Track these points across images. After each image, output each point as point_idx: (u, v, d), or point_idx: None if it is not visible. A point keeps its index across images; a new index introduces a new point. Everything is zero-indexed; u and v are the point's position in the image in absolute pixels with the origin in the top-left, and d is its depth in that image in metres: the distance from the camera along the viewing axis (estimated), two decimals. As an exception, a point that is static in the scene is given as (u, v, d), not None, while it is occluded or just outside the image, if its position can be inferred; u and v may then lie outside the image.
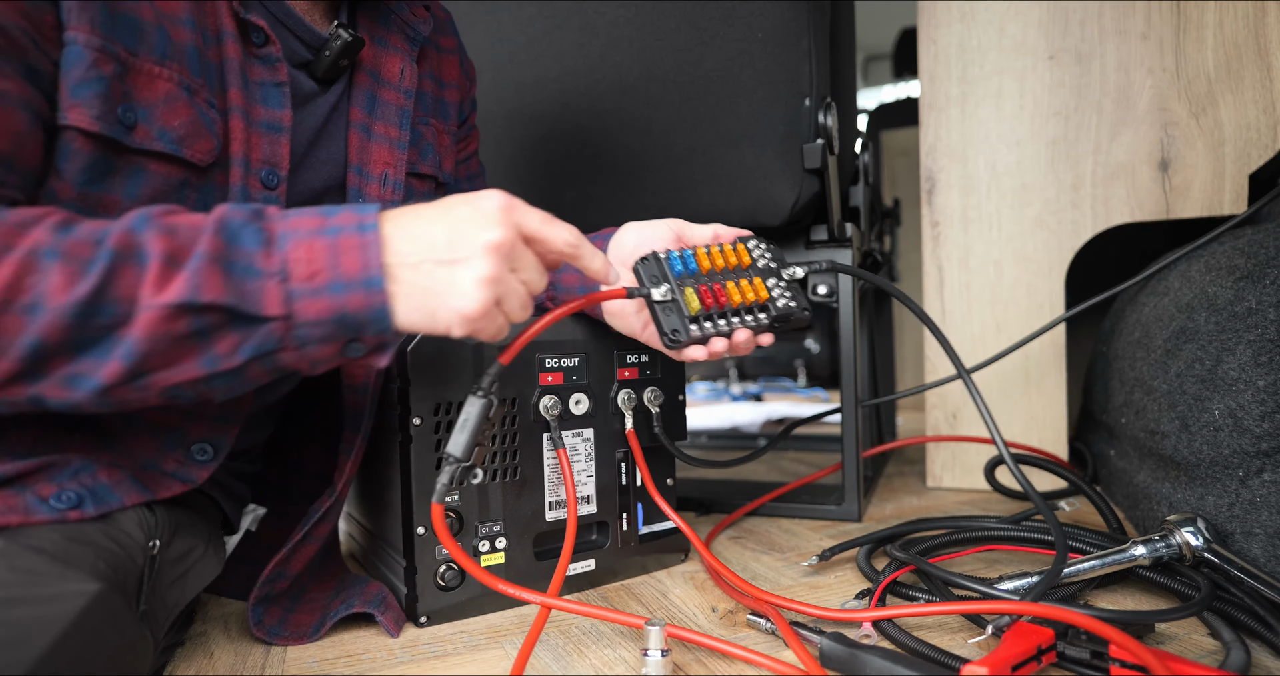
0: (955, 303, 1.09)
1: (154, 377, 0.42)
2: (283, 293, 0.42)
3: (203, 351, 0.43)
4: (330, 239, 0.44)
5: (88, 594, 0.39)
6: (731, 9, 0.88)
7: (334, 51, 0.61)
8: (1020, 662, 0.47)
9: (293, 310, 0.43)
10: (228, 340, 0.43)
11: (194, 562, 0.58)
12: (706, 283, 0.58)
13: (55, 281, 0.40)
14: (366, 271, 0.43)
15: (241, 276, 0.42)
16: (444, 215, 0.46)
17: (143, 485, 0.52)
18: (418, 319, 0.45)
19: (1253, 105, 0.91)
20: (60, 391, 0.42)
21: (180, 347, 0.42)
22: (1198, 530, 0.61)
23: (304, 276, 0.43)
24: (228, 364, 0.43)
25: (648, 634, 0.52)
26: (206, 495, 0.64)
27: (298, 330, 0.43)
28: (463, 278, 0.45)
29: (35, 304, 0.39)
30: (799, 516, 0.96)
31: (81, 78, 0.46)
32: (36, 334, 0.39)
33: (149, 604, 0.51)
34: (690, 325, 0.56)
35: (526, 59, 0.99)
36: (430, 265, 0.45)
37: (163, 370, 0.42)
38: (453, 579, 0.63)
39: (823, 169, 0.86)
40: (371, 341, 0.46)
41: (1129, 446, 0.89)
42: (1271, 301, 0.66)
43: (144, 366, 0.42)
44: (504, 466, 0.65)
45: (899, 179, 2.06)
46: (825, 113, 0.86)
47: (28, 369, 0.40)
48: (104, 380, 0.41)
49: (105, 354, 0.41)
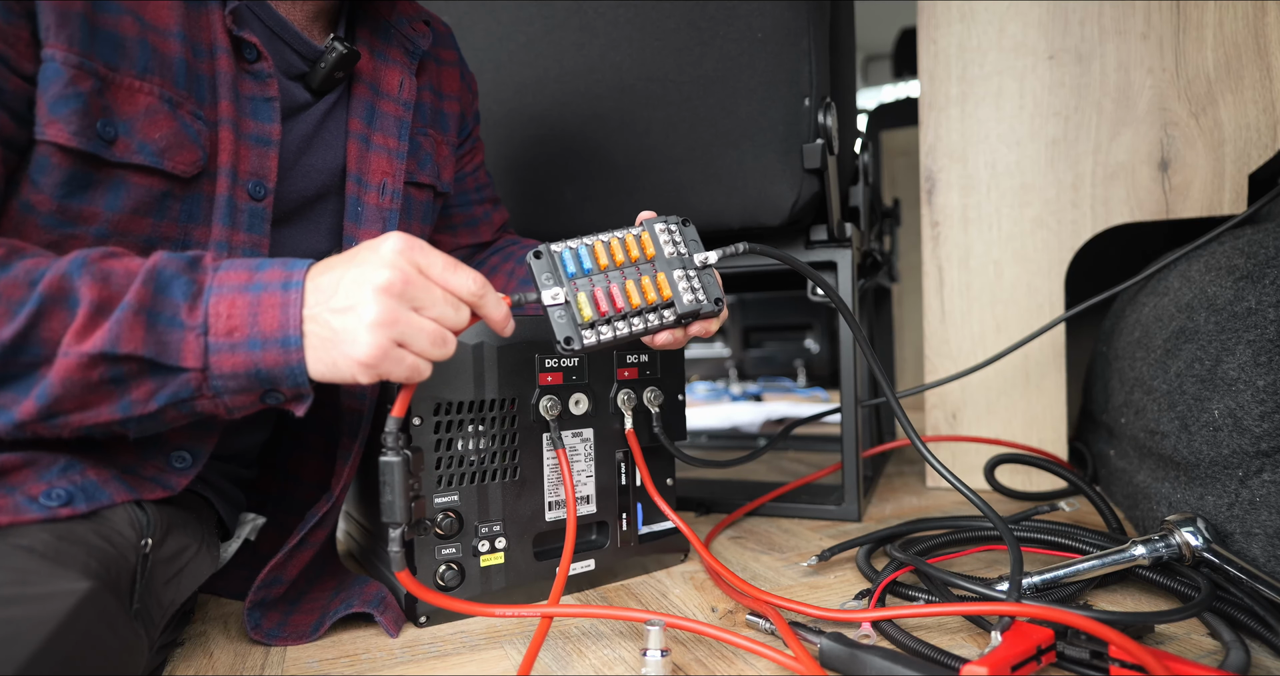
0: (955, 302, 1.09)
1: (67, 418, 0.44)
2: (200, 345, 0.44)
3: (119, 397, 0.44)
4: (253, 296, 0.45)
5: (79, 592, 0.39)
6: (731, 9, 0.88)
7: (329, 64, 0.62)
8: (1020, 662, 0.47)
9: (209, 363, 0.45)
10: (144, 387, 0.45)
11: (188, 561, 0.58)
12: (603, 284, 0.54)
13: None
14: (284, 329, 0.45)
15: (165, 327, 0.44)
16: (345, 263, 0.47)
17: (128, 485, 0.52)
18: (323, 370, 0.47)
19: (1252, 105, 0.91)
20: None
21: (95, 393, 0.44)
22: (1197, 530, 0.61)
23: (223, 332, 0.45)
24: (142, 409, 0.45)
25: (647, 634, 0.52)
26: (199, 495, 0.64)
27: (213, 381, 0.45)
28: (354, 324, 0.45)
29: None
30: (799, 516, 0.96)
31: (59, 94, 0.46)
32: None
33: (142, 602, 0.51)
34: (584, 332, 0.53)
35: (526, 59, 0.99)
36: (327, 314, 0.46)
37: (77, 412, 0.44)
38: (452, 579, 0.63)
39: (822, 169, 0.86)
40: (289, 393, 0.48)
41: (1129, 446, 0.89)
42: (1271, 301, 0.66)
43: (57, 408, 0.44)
44: (503, 466, 0.65)
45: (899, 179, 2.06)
46: (825, 113, 0.86)
47: None
48: (18, 417, 0.43)
49: (24, 391, 0.43)
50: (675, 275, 0.56)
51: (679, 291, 0.56)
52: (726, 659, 0.55)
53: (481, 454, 0.64)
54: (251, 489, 0.74)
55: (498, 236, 0.89)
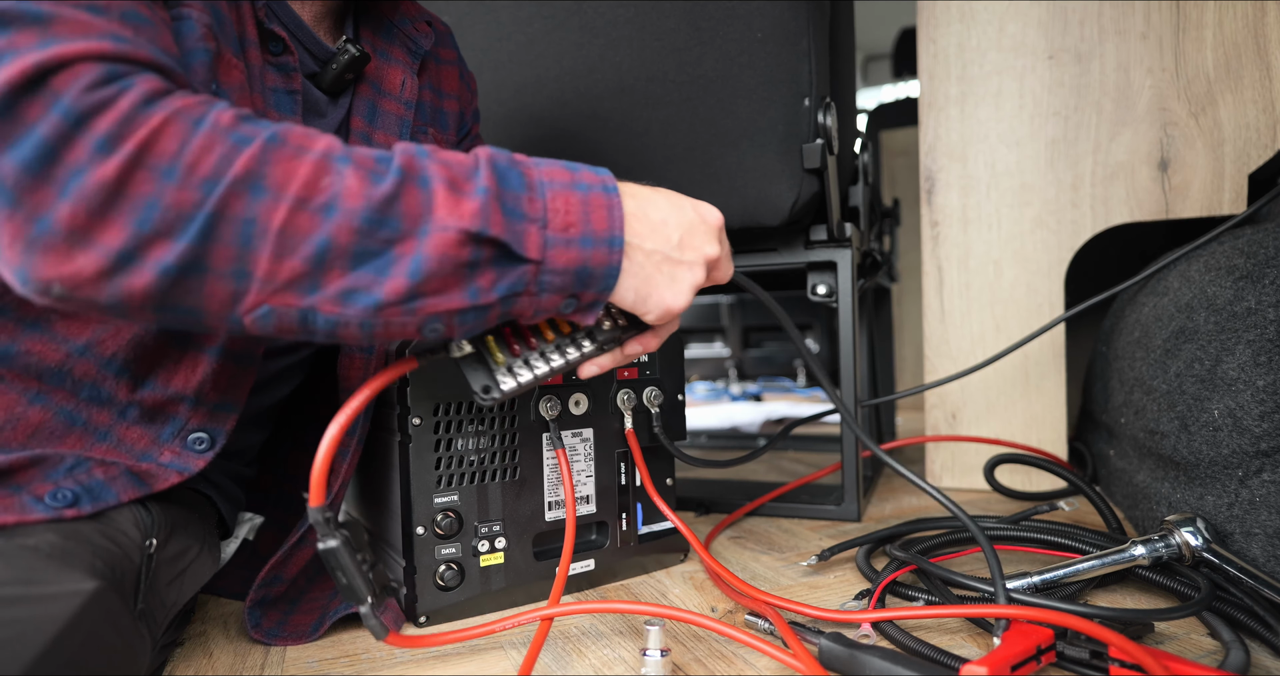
0: (955, 303, 1.09)
1: (426, 301, 0.42)
2: (541, 238, 0.44)
3: (470, 282, 0.43)
4: (582, 195, 0.46)
5: (85, 593, 0.39)
6: (731, 9, 0.88)
7: (340, 65, 0.62)
8: (1020, 662, 0.47)
9: (546, 256, 0.44)
10: (489, 275, 0.43)
11: (191, 561, 0.58)
12: (512, 326, 0.52)
13: (350, 184, 0.40)
14: (611, 231, 0.47)
15: (512, 217, 0.43)
16: (676, 213, 0.51)
17: (139, 479, 0.52)
18: (629, 296, 0.49)
19: (1252, 105, 0.91)
20: (335, 307, 0.40)
21: (456, 274, 0.42)
22: (1197, 530, 0.61)
23: (560, 226, 0.45)
24: (485, 299, 0.44)
25: (647, 634, 0.52)
26: (202, 494, 0.64)
27: (544, 276, 0.45)
28: (683, 278, 0.50)
29: (330, 204, 0.39)
30: (798, 516, 0.96)
31: (193, 47, 0.48)
32: (327, 234, 0.39)
33: (146, 602, 0.51)
34: (501, 378, 0.50)
35: (526, 59, 0.99)
36: (660, 258, 0.49)
37: (436, 295, 0.42)
38: (452, 579, 0.63)
39: (822, 169, 0.86)
40: (589, 298, 0.48)
41: (1128, 446, 0.89)
42: (1271, 301, 0.66)
43: (424, 287, 0.41)
44: (503, 466, 0.65)
45: (898, 179, 2.06)
46: (825, 113, 0.86)
47: (310, 272, 0.39)
48: (384, 297, 0.41)
49: (385, 269, 0.41)
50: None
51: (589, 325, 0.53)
52: (726, 658, 0.55)
53: (481, 454, 0.64)
54: (251, 488, 0.74)
55: None
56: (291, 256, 0.39)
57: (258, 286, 0.39)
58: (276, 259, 0.38)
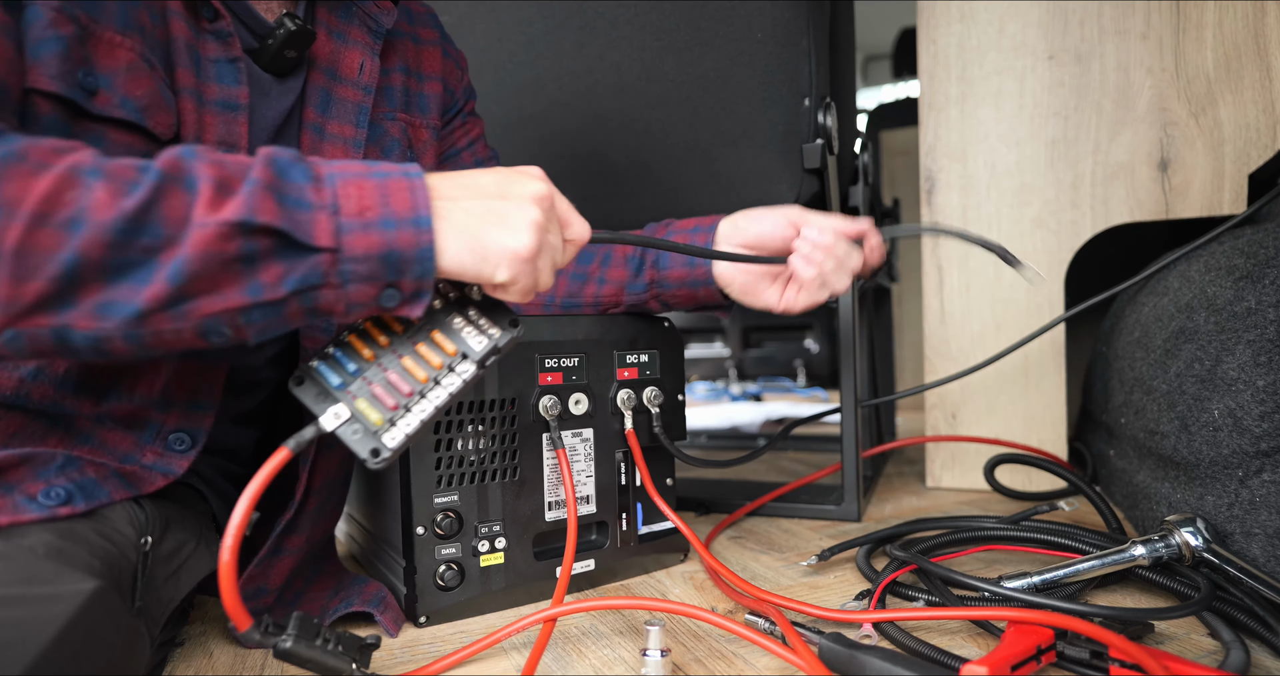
0: (955, 303, 1.09)
1: (196, 303, 0.40)
2: (333, 225, 0.42)
3: (248, 278, 0.41)
4: (378, 181, 0.44)
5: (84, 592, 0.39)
6: (731, 9, 0.88)
7: (277, 41, 0.58)
8: (1020, 662, 0.47)
9: (341, 243, 0.42)
10: (273, 269, 0.41)
11: (186, 558, 0.58)
12: (379, 376, 0.48)
13: (98, 197, 0.37)
14: (415, 210, 0.44)
15: (294, 207, 0.41)
16: (488, 172, 0.49)
17: (126, 481, 0.52)
18: (466, 258, 0.45)
19: (1252, 105, 0.91)
20: (91, 321, 0.39)
21: (227, 271, 0.40)
22: (1197, 530, 0.61)
23: (354, 211, 0.43)
24: (271, 294, 0.41)
25: (647, 634, 0.52)
26: (195, 490, 0.64)
27: (343, 265, 0.42)
28: (515, 216, 0.46)
29: (75, 218, 0.37)
30: (799, 516, 0.96)
31: (40, 37, 0.45)
32: (75, 250, 0.37)
33: (144, 600, 0.51)
34: (385, 437, 0.47)
35: (526, 59, 0.99)
36: (481, 208, 0.46)
37: (206, 295, 0.40)
38: (452, 579, 0.63)
39: (822, 169, 0.86)
40: (410, 286, 0.45)
41: (1128, 446, 0.89)
42: (1271, 301, 0.66)
43: (189, 289, 0.39)
44: (503, 466, 0.65)
45: (899, 179, 2.06)
46: (825, 113, 0.86)
47: (60, 291, 0.37)
48: (143, 304, 0.39)
49: (146, 278, 0.38)
50: (454, 324, 0.50)
51: (464, 340, 0.50)
52: (726, 658, 0.55)
53: (481, 454, 0.64)
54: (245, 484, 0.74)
55: None
56: (34, 277, 0.37)
57: (3, 309, 0.37)
58: (17, 282, 0.37)
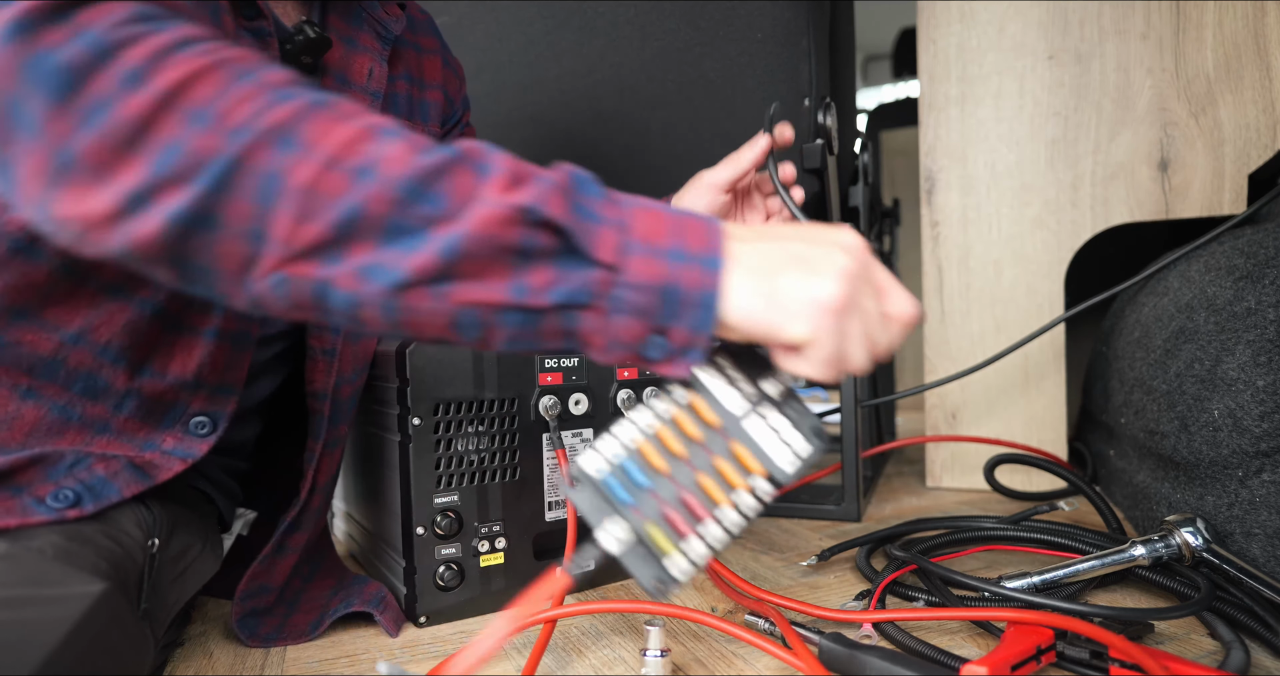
0: (955, 302, 1.09)
1: (458, 286, 0.36)
2: (619, 241, 0.37)
3: (516, 275, 0.37)
4: (673, 216, 0.40)
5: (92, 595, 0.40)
6: (731, 9, 0.88)
7: (296, 46, 0.58)
8: (1020, 662, 0.47)
9: (623, 263, 0.37)
10: (544, 272, 0.37)
11: (192, 560, 0.58)
12: (671, 494, 0.40)
13: (393, 152, 0.36)
14: (708, 249, 0.38)
15: (582, 215, 0.37)
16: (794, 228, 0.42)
17: (141, 472, 0.52)
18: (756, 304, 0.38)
19: (1252, 105, 0.91)
20: (354, 282, 0.36)
21: (498, 260, 0.36)
22: (1197, 530, 0.61)
23: (643, 234, 0.38)
24: (534, 300, 0.37)
25: (647, 634, 0.52)
26: (201, 492, 0.64)
27: (618, 289, 0.37)
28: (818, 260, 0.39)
29: (367, 168, 0.35)
30: (799, 516, 0.96)
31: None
32: (358, 200, 0.35)
33: (150, 602, 0.51)
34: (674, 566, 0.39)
35: (526, 59, 0.99)
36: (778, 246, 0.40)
37: (470, 280, 0.36)
38: (452, 579, 0.63)
39: (822, 169, 0.86)
40: (681, 337, 0.38)
41: (1128, 446, 0.89)
42: (1271, 301, 0.66)
43: (456, 268, 0.36)
44: (503, 466, 0.65)
45: (898, 179, 2.06)
46: (825, 113, 0.86)
47: (334, 239, 0.35)
48: (408, 272, 0.36)
49: (415, 246, 0.36)
50: (754, 433, 0.41)
51: (769, 457, 0.41)
52: (726, 658, 0.55)
53: (481, 453, 0.64)
54: (244, 482, 0.74)
55: None
56: (314, 220, 0.35)
57: (274, 250, 0.35)
58: (298, 221, 0.35)
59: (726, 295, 0.38)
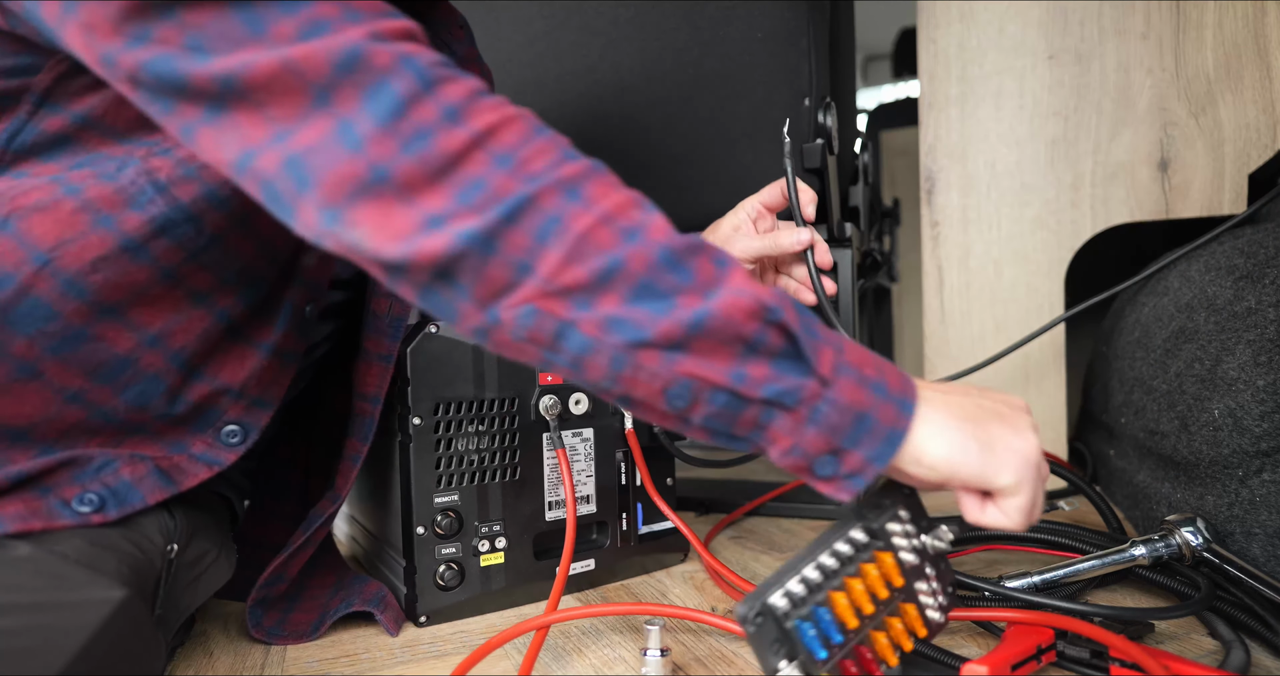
0: (955, 303, 1.09)
1: (687, 358, 0.39)
2: (836, 361, 0.41)
3: (740, 363, 0.40)
4: (876, 356, 0.43)
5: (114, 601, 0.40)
6: (731, 9, 0.88)
7: None
8: (1020, 662, 0.47)
9: (835, 380, 0.40)
10: (765, 368, 0.40)
11: (207, 567, 0.58)
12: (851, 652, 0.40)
13: (658, 222, 0.40)
14: (904, 393, 0.42)
15: (808, 332, 0.41)
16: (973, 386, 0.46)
17: (166, 478, 0.52)
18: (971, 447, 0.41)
19: (1252, 105, 0.91)
20: (596, 329, 0.38)
21: (730, 345, 0.39)
22: (1197, 530, 0.61)
23: (855, 363, 0.41)
24: (747, 389, 0.40)
25: (648, 633, 0.52)
26: (220, 495, 0.64)
27: (822, 404, 0.40)
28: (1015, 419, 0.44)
29: (635, 230, 0.39)
30: (799, 516, 0.96)
31: None
32: (622, 254, 0.38)
33: (163, 608, 0.51)
34: None
35: (526, 59, 1.00)
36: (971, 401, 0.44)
37: (700, 356, 0.39)
38: (452, 579, 0.63)
39: (822, 169, 0.86)
40: (854, 463, 0.41)
41: (1128, 446, 0.89)
42: (1271, 301, 0.66)
43: (694, 341, 0.39)
44: (503, 466, 0.65)
45: (899, 179, 2.06)
46: (825, 112, 0.86)
47: (591, 285, 0.38)
48: (652, 333, 0.38)
49: (662, 311, 0.39)
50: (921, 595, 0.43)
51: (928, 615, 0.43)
52: (727, 658, 0.55)
53: (481, 453, 0.64)
54: None
55: None
56: (580, 263, 0.38)
57: (535, 282, 0.38)
58: (566, 261, 0.38)
59: (925, 438, 0.41)
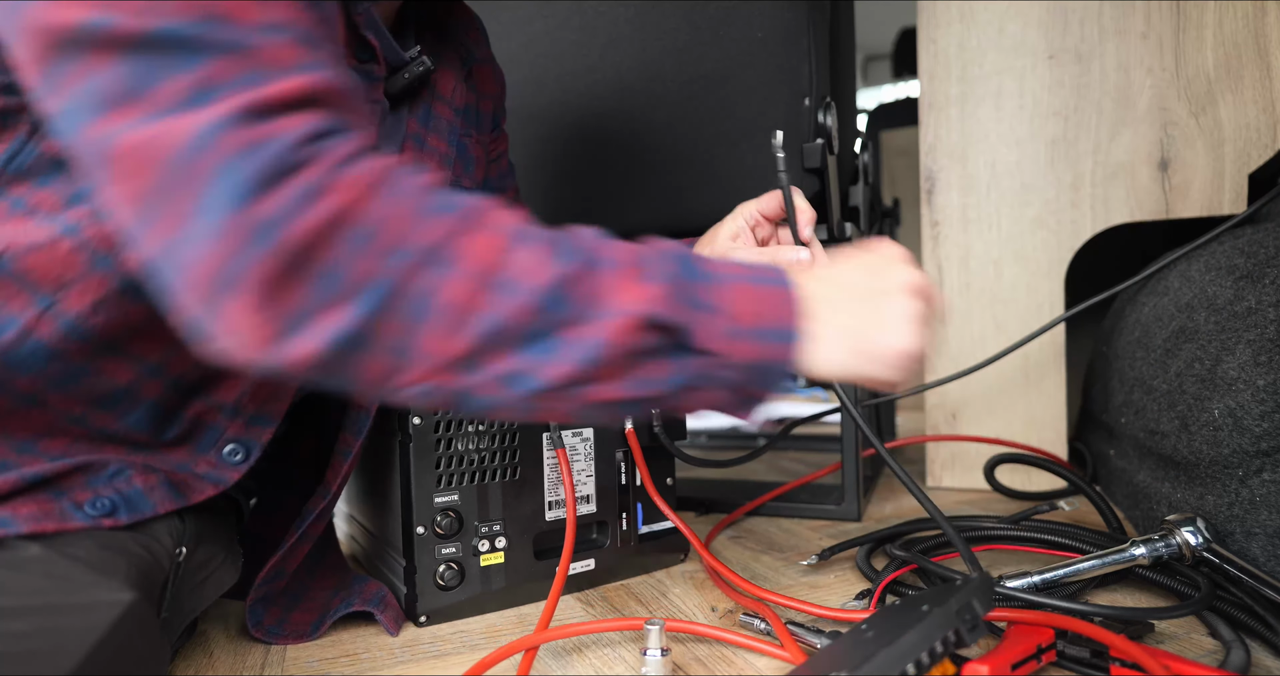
0: (955, 302, 1.09)
1: (589, 389, 0.39)
2: (720, 329, 0.40)
3: (638, 372, 0.40)
4: (757, 287, 0.42)
5: (123, 603, 0.40)
6: (731, 9, 0.88)
7: (414, 75, 0.60)
8: (1020, 661, 0.47)
9: (728, 349, 0.40)
10: (661, 366, 0.40)
11: (213, 570, 0.58)
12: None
13: (530, 264, 0.38)
14: (787, 324, 0.42)
15: (690, 306, 0.40)
16: (855, 262, 0.46)
17: (175, 491, 0.52)
18: (850, 361, 0.43)
19: (1252, 105, 0.91)
20: (495, 389, 0.38)
21: (625, 363, 0.39)
22: (1197, 530, 0.61)
23: (738, 316, 0.41)
24: (651, 391, 0.40)
25: (647, 633, 0.52)
26: (231, 500, 0.64)
27: (720, 372, 0.41)
28: (894, 315, 0.43)
29: (509, 282, 0.37)
30: (799, 516, 0.96)
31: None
32: (501, 313, 0.37)
33: (169, 611, 0.51)
34: None
35: (526, 59, 0.99)
36: (858, 305, 0.44)
37: (600, 383, 0.39)
38: (452, 578, 0.63)
39: (822, 168, 0.86)
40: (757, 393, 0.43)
41: (1129, 446, 0.89)
42: (1271, 301, 0.66)
43: (591, 374, 0.39)
44: (503, 465, 0.65)
45: (899, 179, 2.06)
46: (825, 112, 0.86)
47: (477, 352, 0.37)
48: (547, 381, 0.38)
49: (551, 352, 0.38)
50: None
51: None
52: (726, 659, 0.55)
53: (481, 453, 0.64)
54: None
55: None
56: (460, 335, 0.36)
57: (421, 364, 0.37)
58: (445, 337, 0.36)
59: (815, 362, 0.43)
